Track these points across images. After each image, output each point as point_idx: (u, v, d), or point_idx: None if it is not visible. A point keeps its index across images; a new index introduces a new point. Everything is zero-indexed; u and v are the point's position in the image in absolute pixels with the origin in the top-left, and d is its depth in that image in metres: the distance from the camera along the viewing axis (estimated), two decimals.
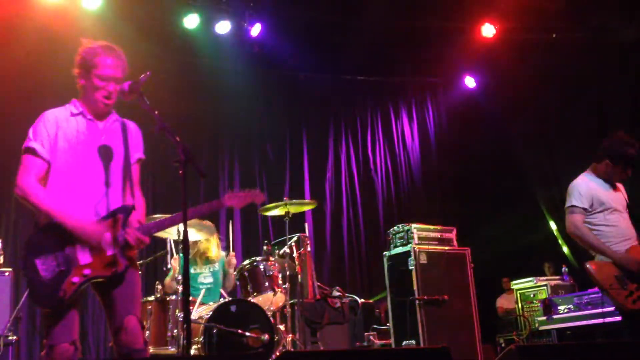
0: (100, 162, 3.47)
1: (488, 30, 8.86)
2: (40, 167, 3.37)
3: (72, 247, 3.30)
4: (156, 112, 3.37)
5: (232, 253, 6.51)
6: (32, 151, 3.36)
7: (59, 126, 3.43)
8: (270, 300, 5.71)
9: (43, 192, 3.33)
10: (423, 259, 6.34)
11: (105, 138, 3.53)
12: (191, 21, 7.89)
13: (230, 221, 6.56)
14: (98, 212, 3.41)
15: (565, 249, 8.79)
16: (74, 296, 3.27)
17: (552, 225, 9.04)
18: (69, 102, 3.56)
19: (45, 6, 7.00)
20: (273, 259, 5.88)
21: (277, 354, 5.28)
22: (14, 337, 5.42)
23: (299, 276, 6.00)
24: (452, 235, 6.67)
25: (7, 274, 5.59)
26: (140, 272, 5.50)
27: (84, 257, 3.30)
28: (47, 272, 3.24)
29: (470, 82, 9.72)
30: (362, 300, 7.01)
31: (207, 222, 5.78)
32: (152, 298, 5.56)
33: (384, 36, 8.61)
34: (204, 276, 6.24)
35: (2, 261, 5.64)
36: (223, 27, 8.17)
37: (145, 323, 5.32)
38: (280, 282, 5.80)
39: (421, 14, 8.40)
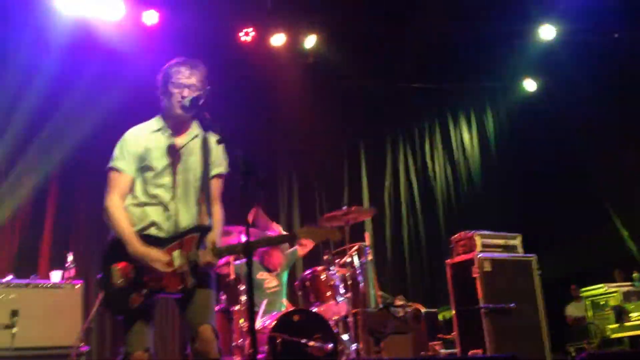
0: (177, 179, 3.54)
1: (547, 32, 8.70)
2: (125, 183, 3.49)
3: (141, 260, 3.38)
4: (217, 127, 3.42)
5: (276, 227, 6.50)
6: (116, 169, 3.49)
7: (139, 143, 3.53)
8: (333, 309, 5.70)
9: (121, 214, 3.44)
10: (487, 267, 6.22)
11: (183, 154, 3.58)
12: (247, 35, 8.00)
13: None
14: (168, 230, 3.49)
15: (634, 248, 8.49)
16: (142, 306, 3.35)
17: (622, 229, 8.75)
18: (152, 117, 3.66)
19: (106, 26, 7.19)
20: (334, 268, 5.87)
21: None
22: (86, 347, 5.56)
23: (361, 285, 5.98)
24: (517, 242, 6.53)
25: (77, 286, 5.74)
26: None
27: (154, 271, 3.39)
28: (120, 280, 3.35)
29: (530, 85, 9.53)
30: (426, 309, 6.91)
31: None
32: (216, 308, 5.63)
33: (440, 42, 8.53)
34: (268, 281, 6.28)
35: (73, 274, 5.80)
36: (278, 39, 8.26)
37: None
38: (342, 291, 5.78)
39: (478, 18, 8.29)
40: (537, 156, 9.14)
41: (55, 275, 5.82)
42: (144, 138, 3.56)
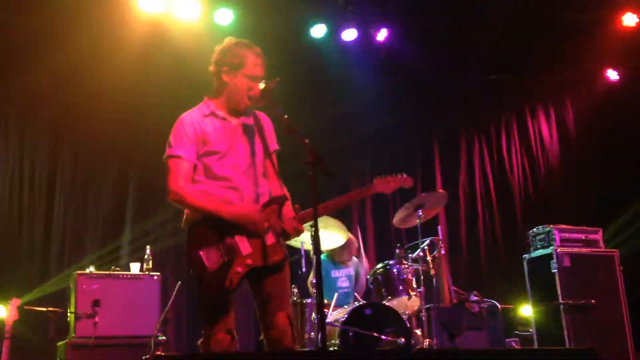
0: (242, 156, 3.55)
1: (630, 19, 8.33)
2: (187, 170, 3.47)
3: (231, 238, 3.38)
4: (285, 117, 3.44)
5: (364, 257, 6.53)
6: (177, 157, 3.48)
7: (195, 128, 3.52)
8: (405, 304, 5.65)
9: (195, 191, 3.44)
10: (567, 262, 6.03)
11: (241, 133, 3.59)
12: (318, 31, 8.02)
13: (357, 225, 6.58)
14: (242, 200, 3.50)
15: None
16: (238, 285, 3.36)
17: None
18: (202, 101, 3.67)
19: (180, 27, 7.35)
20: (406, 262, 5.82)
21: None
22: (163, 338, 5.71)
23: (434, 280, 5.91)
24: (598, 236, 6.30)
25: (155, 277, 5.91)
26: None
27: (244, 247, 3.39)
28: (212, 263, 3.33)
29: (612, 75, 9.16)
30: (502, 305, 6.75)
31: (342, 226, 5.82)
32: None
33: (516, 32, 8.30)
34: (341, 280, 6.30)
35: (151, 266, 5.98)
36: (349, 34, 8.25)
37: None
38: (414, 285, 5.72)
39: (555, 6, 8.03)
40: (620, 149, 8.76)
41: (134, 267, 6.01)
42: (199, 124, 3.53)
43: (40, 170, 7.14)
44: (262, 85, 3.55)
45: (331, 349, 5.17)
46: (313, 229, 3.22)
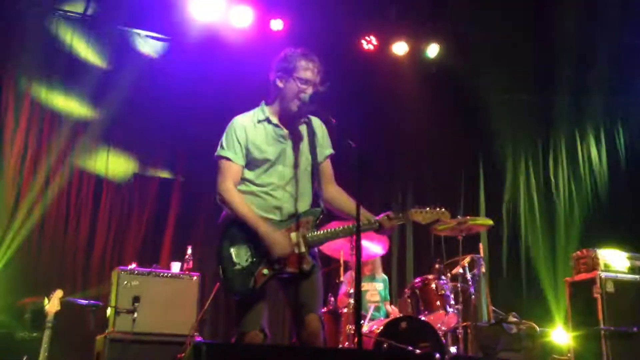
0: (286, 166, 3.64)
1: None
2: (236, 172, 3.59)
3: (264, 241, 3.46)
4: (333, 120, 3.50)
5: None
6: (227, 158, 3.59)
7: (247, 133, 3.63)
8: (442, 319, 5.61)
9: (240, 198, 3.54)
10: (610, 287, 5.90)
11: (291, 142, 3.68)
12: (369, 42, 8.06)
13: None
14: (284, 215, 3.58)
15: None
16: (263, 286, 3.43)
17: None
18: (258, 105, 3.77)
19: (236, 33, 7.50)
20: (445, 278, 5.78)
21: None
22: (200, 337, 5.77)
23: (472, 298, 5.85)
24: None
25: (195, 278, 5.99)
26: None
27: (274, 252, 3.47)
28: (240, 261, 3.42)
29: None
30: (541, 328, 6.63)
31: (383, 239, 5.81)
32: (324, 310, 5.68)
33: (569, 53, 8.20)
34: (371, 294, 6.28)
35: (191, 266, 6.06)
36: (400, 48, 8.26)
37: None
38: (452, 302, 5.67)
39: (610, 29, 7.89)
40: None
41: (175, 266, 6.10)
42: (252, 129, 3.64)
43: (88, 170, 7.31)
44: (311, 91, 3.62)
45: None
46: (355, 238, 3.26)
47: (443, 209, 3.90)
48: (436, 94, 8.63)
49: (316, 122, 3.79)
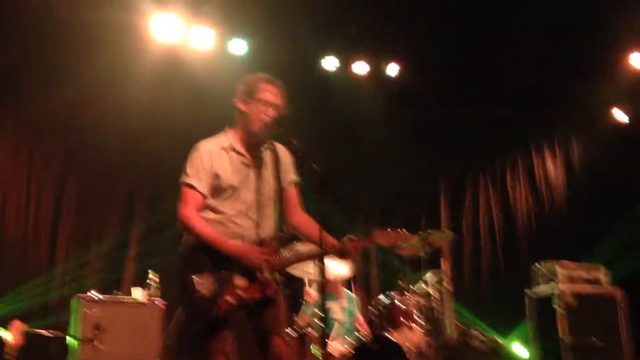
0: (249, 192, 3.65)
1: (638, 60, 8.38)
2: (198, 200, 3.57)
3: (227, 269, 3.46)
4: (294, 142, 3.54)
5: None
6: (190, 186, 3.59)
7: (211, 160, 3.62)
8: (406, 336, 5.62)
9: (203, 221, 3.53)
10: (570, 299, 6.01)
11: (254, 168, 3.69)
12: (329, 63, 8.12)
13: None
14: (245, 242, 3.58)
15: None
16: (227, 314, 3.42)
17: None
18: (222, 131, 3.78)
19: (194, 56, 7.47)
20: (409, 294, 5.81)
21: None
22: None
23: (436, 313, 5.88)
24: (601, 274, 6.27)
25: (160, 304, 5.92)
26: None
27: (238, 279, 3.46)
28: (204, 289, 3.40)
29: (619, 115, 9.19)
30: (504, 340, 6.71)
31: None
32: (289, 331, 5.66)
33: (525, 71, 8.36)
34: (333, 312, 6.28)
35: (152, 291, 5.99)
36: (361, 67, 8.34)
37: None
38: (416, 318, 5.70)
39: (563, 46, 8.09)
40: (628, 187, 8.74)
41: (136, 292, 6.02)
42: (217, 155, 3.64)
43: (46, 193, 7.19)
44: (274, 114, 3.64)
45: None
46: (318, 259, 3.29)
47: (404, 230, 3.92)
48: (396, 112, 8.73)
49: (281, 149, 3.81)
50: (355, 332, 6.12)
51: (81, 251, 7.16)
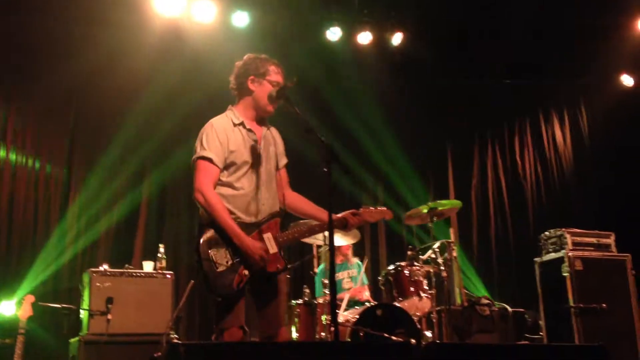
0: (259, 168, 3.74)
1: None
2: (215, 173, 3.63)
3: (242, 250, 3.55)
4: (300, 115, 3.55)
5: (365, 259, 6.59)
6: (209, 159, 3.63)
7: (227, 135, 3.70)
8: (416, 305, 5.66)
9: (221, 204, 3.58)
10: (578, 266, 6.02)
11: (261, 147, 3.79)
12: (333, 34, 8.05)
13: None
14: (259, 217, 3.67)
15: None
16: (244, 286, 3.53)
17: None
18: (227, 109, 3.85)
19: (197, 29, 7.42)
20: (418, 264, 5.84)
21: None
22: (175, 336, 5.75)
23: (445, 282, 5.92)
24: (611, 240, 6.28)
25: (168, 276, 5.96)
26: (288, 277, 5.79)
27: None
28: (221, 263, 3.48)
29: (627, 80, 9.11)
30: (513, 308, 6.74)
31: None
32: (300, 301, 5.71)
33: (532, 37, 8.30)
34: (345, 281, 6.33)
35: (164, 264, 6.03)
36: (365, 37, 8.27)
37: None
38: (425, 287, 5.73)
39: (571, 11, 8.00)
40: (635, 154, 8.71)
41: (147, 266, 6.07)
42: (231, 131, 3.72)
43: (56, 169, 7.23)
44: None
45: None
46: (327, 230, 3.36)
47: (386, 208, 4.09)
48: (402, 82, 8.68)
49: (275, 132, 3.96)
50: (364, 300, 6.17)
51: (92, 227, 7.18)
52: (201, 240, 3.54)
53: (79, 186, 7.28)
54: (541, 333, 6.27)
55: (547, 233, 6.47)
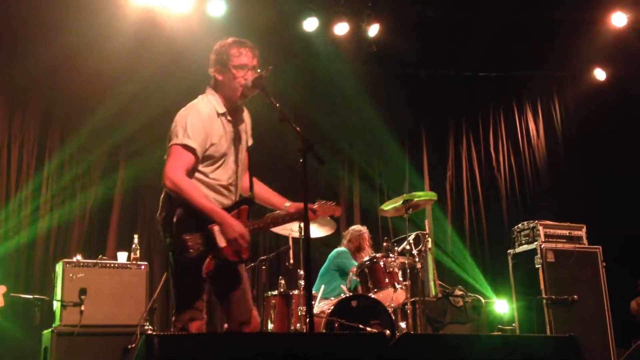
0: (235, 158, 3.69)
1: (619, 19, 8.38)
2: (191, 162, 3.49)
3: (211, 230, 3.45)
4: (277, 105, 3.50)
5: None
6: (188, 148, 3.47)
7: (212, 126, 3.58)
8: (391, 296, 5.70)
9: (194, 185, 3.49)
10: (550, 257, 6.11)
11: (238, 133, 3.72)
12: (310, 24, 8.02)
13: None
14: (229, 203, 3.63)
15: None
16: (209, 274, 3.46)
17: None
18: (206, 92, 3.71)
19: (173, 18, 7.34)
20: (393, 255, 5.87)
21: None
22: (150, 327, 5.72)
23: (420, 274, 5.96)
24: (582, 232, 6.38)
25: (143, 267, 5.92)
26: (264, 268, 5.78)
27: (220, 240, 3.47)
28: (192, 249, 3.41)
29: (600, 74, 9.23)
30: (485, 299, 6.83)
31: (329, 218, 5.87)
32: (275, 292, 5.71)
33: (507, 29, 8.35)
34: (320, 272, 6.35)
35: (138, 255, 5.98)
36: (341, 28, 8.25)
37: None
38: (400, 278, 5.78)
39: (546, 4, 8.07)
40: (606, 148, 8.85)
41: (122, 256, 6.02)
42: (215, 121, 3.60)
43: (27, 158, 7.13)
44: (252, 76, 3.61)
45: None
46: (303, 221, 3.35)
47: (334, 203, 4.07)
48: (378, 73, 8.69)
49: (246, 113, 3.84)
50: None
51: (65, 216, 7.11)
52: (176, 226, 3.44)
53: (52, 175, 7.18)
54: (514, 324, 6.36)
55: (520, 225, 6.55)
